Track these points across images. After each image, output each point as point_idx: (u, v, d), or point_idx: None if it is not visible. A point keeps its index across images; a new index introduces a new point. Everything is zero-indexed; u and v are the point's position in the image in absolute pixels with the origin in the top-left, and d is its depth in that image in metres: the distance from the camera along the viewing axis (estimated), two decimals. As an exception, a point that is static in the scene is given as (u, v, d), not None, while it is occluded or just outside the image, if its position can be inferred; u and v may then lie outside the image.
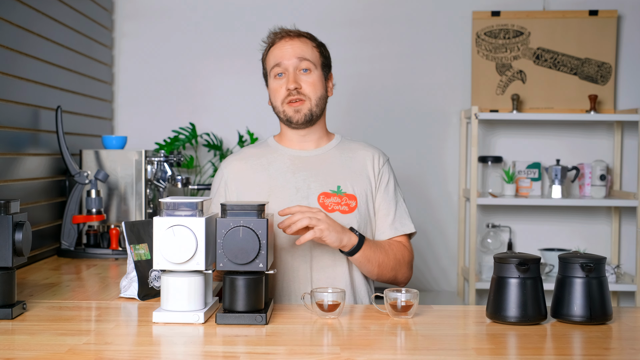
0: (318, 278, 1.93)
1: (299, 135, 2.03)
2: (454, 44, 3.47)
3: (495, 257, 1.63)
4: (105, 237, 2.67)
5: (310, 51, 1.99)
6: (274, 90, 2.00)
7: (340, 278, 1.94)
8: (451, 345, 1.47)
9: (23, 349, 1.39)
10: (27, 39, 2.46)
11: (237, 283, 1.57)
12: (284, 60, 1.97)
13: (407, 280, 2.00)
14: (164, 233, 1.56)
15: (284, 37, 2.00)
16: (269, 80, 2.02)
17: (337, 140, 2.08)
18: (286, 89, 1.96)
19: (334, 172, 1.99)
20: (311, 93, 1.97)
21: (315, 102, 1.98)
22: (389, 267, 1.92)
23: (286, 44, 1.99)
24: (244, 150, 2.10)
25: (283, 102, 1.98)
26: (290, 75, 1.96)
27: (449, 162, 3.50)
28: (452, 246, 3.52)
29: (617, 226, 3.44)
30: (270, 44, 2.03)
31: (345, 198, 1.96)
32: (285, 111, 1.98)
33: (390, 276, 1.95)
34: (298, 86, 1.95)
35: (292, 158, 2.02)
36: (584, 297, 1.57)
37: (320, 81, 2.00)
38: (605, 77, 3.38)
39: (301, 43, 1.99)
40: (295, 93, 1.96)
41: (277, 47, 2.00)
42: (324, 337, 1.52)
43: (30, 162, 2.49)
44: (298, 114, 1.97)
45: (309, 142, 2.04)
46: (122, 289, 1.86)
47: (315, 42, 2.02)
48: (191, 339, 1.47)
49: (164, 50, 3.45)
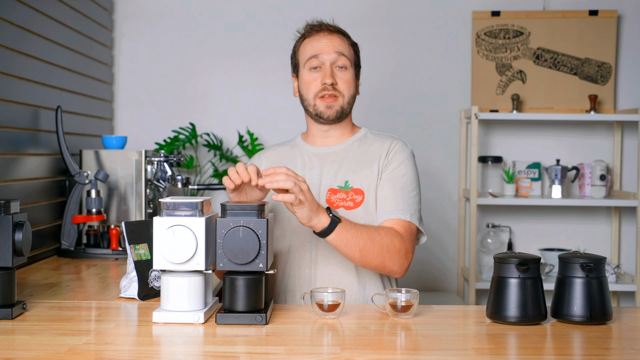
0: (322, 276, 1.92)
1: (321, 131, 2.02)
2: (454, 44, 3.47)
3: (495, 257, 1.63)
4: (105, 237, 2.67)
5: (347, 48, 1.99)
6: (307, 82, 1.98)
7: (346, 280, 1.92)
8: (451, 345, 1.47)
9: (23, 349, 1.38)
10: (27, 39, 2.46)
11: (237, 283, 1.57)
12: (323, 54, 1.96)
13: (401, 269, 1.85)
14: (164, 233, 1.55)
15: (323, 31, 1.99)
16: (302, 71, 2.00)
17: (360, 134, 2.06)
18: (322, 82, 1.95)
19: (346, 166, 1.97)
20: (345, 90, 1.97)
21: (347, 99, 1.97)
22: (374, 253, 1.80)
23: (324, 38, 1.98)
24: (274, 147, 2.11)
25: (316, 95, 1.96)
26: (327, 69, 1.95)
27: (448, 162, 3.50)
28: (452, 246, 3.52)
29: (617, 226, 3.44)
30: (306, 35, 2.02)
31: (352, 193, 1.93)
32: (317, 105, 1.97)
33: (377, 263, 1.82)
34: (334, 82, 1.94)
35: (311, 155, 2.01)
36: (584, 297, 1.57)
37: (354, 79, 2.00)
38: (605, 77, 3.38)
39: (339, 39, 1.99)
40: (330, 88, 1.94)
41: (315, 39, 1.99)
42: (324, 337, 1.51)
43: (30, 162, 2.48)
44: (330, 110, 1.96)
45: (331, 137, 2.03)
46: (122, 289, 1.86)
47: (350, 41, 2.02)
48: (191, 339, 1.46)
49: (164, 50, 3.45)
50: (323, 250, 1.93)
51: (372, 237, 1.80)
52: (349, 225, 1.77)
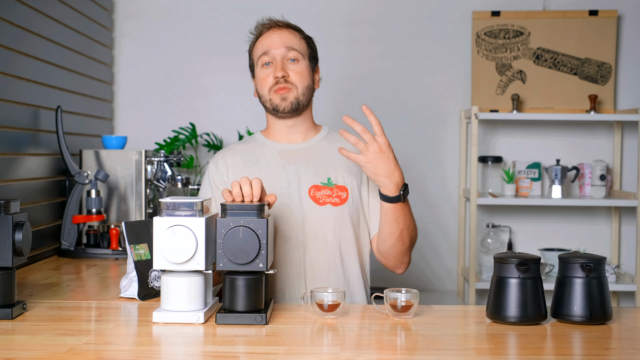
0: (312, 273, 1.92)
1: (286, 127, 2.01)
2: (454, 44, 3.47)
3: (495, 257, 1.63)
4: (105, 237, 2.66)
5: (298, 41, 2.00)
6: (261, 79, 1.99)
7: (334, 276, 1.92)
8: (451, 346, 1.47)
9: (23, 349, 1.38)
10: (27, 39, 2.46)
11: (237, 283, 1.57)
12: (272, 49, 1.97)
13: (408, 264, 1.98)
14: (164, 233, 1.55)
15: (272, 27, 2.01)
16: (256, 69, 2.01)
17: (325, 131, 2.07)
18: (273, 77, 1.96)
19: (324, 164, 1.98)
20: (298, 82, 1.97)
21: (302, 90, 1.97)
22: (408, 237, 1.90)
23: (274, 34, 1.99)
24: (232, 146, 2.08)
25: (270, 90, 1.97)
26: (278, 63, 1.96)
27: (448, 162, 3.50)
28: (452, 246, 3.52)
29: (617, 226, 3.44)
30: (258, 34, 2.03)
31: (336, 190, 1.95)
32: (272, 99, 1.97)
33: (405, 248, 1.91)
34: (285, 74, 1.95)
35: (281, 152, 2.01)
36: (584, 297, 1.57)
37: (308, 71, 2.00)
38: (605, 77, 3.38)
39: (289, 33, 2.00)
40: (282, 81, 1.95)
41: (265, 36, 2.00)
42: (324, 337, 1.51)
43: (30, 162, 2.48)
44: (285, 101, 1.96)
45: (296, 134, 2.02)
46: (122, 289, 1.85)
47: (302, 34, 2.03)
48: (191, 339, 1.46)
49: (164, 50, 3.44)
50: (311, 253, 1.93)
51: (413, 220, 1.92)
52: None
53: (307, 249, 1.93)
